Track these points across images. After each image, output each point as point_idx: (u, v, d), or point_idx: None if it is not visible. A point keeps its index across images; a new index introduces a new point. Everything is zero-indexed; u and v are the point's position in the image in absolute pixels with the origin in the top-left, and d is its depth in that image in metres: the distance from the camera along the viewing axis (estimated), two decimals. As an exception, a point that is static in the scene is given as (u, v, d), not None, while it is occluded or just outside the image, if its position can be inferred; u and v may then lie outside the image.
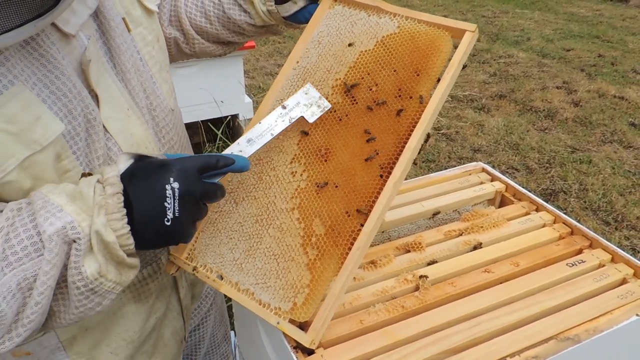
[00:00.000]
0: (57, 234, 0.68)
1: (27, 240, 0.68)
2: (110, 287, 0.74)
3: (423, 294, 1.00)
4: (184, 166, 0.76)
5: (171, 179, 0.74)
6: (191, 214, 0.77)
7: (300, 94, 0.98)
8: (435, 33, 0.99)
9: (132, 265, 0.76)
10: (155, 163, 0.76)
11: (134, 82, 0.91)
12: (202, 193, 0.78)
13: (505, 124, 4.35)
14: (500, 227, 1.19)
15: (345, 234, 0.89)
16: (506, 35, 6.59)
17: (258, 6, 1.11)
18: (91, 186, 0.71)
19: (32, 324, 0.71)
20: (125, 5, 0.95)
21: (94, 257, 0.71)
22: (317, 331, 0.85)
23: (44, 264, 0.68)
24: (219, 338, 1.43)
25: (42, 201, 0.70)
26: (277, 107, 0.96)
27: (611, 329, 0.92)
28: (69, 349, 0.94)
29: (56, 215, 0.69)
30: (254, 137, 0.91)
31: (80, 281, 0.71)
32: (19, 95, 0.70)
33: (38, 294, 0.69)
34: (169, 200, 0.73)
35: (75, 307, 0.73)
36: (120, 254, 0.72)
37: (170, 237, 0.76)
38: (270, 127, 0.93)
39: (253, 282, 0.91)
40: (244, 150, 0.90)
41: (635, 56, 5.82)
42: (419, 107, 0.94)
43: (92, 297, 0.73)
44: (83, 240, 0.69)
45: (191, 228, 0.79)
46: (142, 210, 0.72)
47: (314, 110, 0.97)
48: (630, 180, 3.58)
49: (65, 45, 0.79)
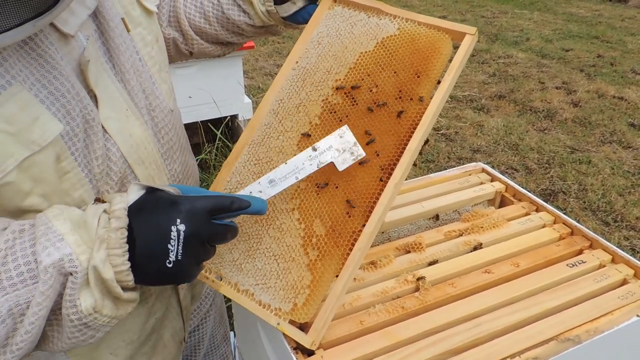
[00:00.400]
0: (54, 265, 0.66)
1: (24, 266, 0.66)
2: (105, 321, 0.72)
3: (423, 294, 1.00)
4: (193, 207, 0.73)
5: (178, 220, 0.71)
6: (195, 256, 0.74)
7: (334, 136, 0.90)
8: (436, 35, 0.99)
9: (130, 300, 0.74)
10: (166, 199, 0.73)
11: (133, 83, 0.91)
12: (211, 235, 0.75)
13: (504, 124, 4.35)
14: (501, 227, 1.19)
15: (346, 235, 0.89)
16: (505, 35, 6.59)
17: (257, 6, 1.11)
18: (97, 216, 0.70)
19: (20, 352, 0.69)
20: (125, 6, 0.94)
21: (90, 292, 0.69)
22: (318, 332, 0.85)
23: (37, 294, 0.66)
24: (219, 339, 1.43)
25: (44, 227, 0.68)
26: (307, 148, 0.89)
27: (612, 329, 0.92)
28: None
29: (56, 245, 0.67)
30: (276, 179, 0.86)
31: (74, 314, 0.69)
32: (17, 96, 0.70)
33: (29, 323, 0.67)
34: (172, 242, 0.71)
35: (68, 338, 0.72)
36: (117, 290, 0.70)
37: (171, 278, 0.74)
38: (297, 170, 0.87)
39: (253, 282, 0.91)
40: (264, 192, 0.85)
41: (635, 56, 5.82)
42: (419, 109, 0.94)
43: (85, 330, 0.71)
44: (80, 274, 0.68)
45: (195, 270, 0.76)
46: (145, 249, 0.71)
47: (346, 157, 0.89)
48: (629, 180, 3.58)
49: (64, 45, 0.79)
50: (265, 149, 1.00)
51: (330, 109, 0.99)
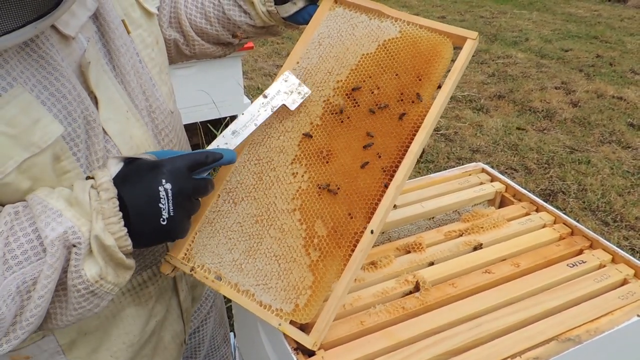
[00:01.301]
0: (59, 238, 0.70)
1: (27, 244, 0.70)
2: (109, 288, 0.76)
3: (424, 294, 1.00)
4: (174, 166, 0.78)
5: (163, 180, 0.76)
6: (185, 210, 0.80)
7: (279, 81, 0.99)
8: (437, 39, 0.99)
9: (129, 267, 0.79)
10: (146, 165, 0.78)
11: (133, 84, 0.91)
12: (194, 190, 0.81)
13: (503, 124, 4.35)
14: (501, 227, 1.19)
15: (347, 236, 0.89)
16: (504, 35, 6.60)
17: (258, 7, 1.11)
18: (86, 192, 0.73)
19: (30, 326, 0.72)
20: (125, 7, 0.94)
21: (95, 261, 0.73)
22: (319, 333, 0.85)
23: (45, 267, 0.69)
24: (219, 340, 1.43)
25: (40, 206, 0.72)
26: (258, 97, 0.98)
27: (612, 329, 0.92)
28: (69, 352, 0.93)
29: (57, 220, 0.71)
30: (238, 129, 0.94)
31: (81, 284, 0.73)
32: (19, 98, 0.70)
33: (38, 296, 0.70)
34: (163, 201, 0.76)
35: (74, 309, 0.75)
36: (119, 256, 0.75)
37: (167, 235, 0.80)
38: (253, 118, 0.95)
39: (253, 283, 0.91)
40: (229, 143, 0.92)
41: (634, 56, 5.83)
42: (421, 112, 0.95)
43: (92, 298, 0.75)
44: (83, 244, 0.72)
45: (186, 224, 0.82)
46: (138, 213, 0.75)
47: (295, 98, 0.98)
48: (628, 180, 3.58)
49: (65, 47, 0.79)
50: (265, 148, 1.00)
51: (331, 110, 0.99)
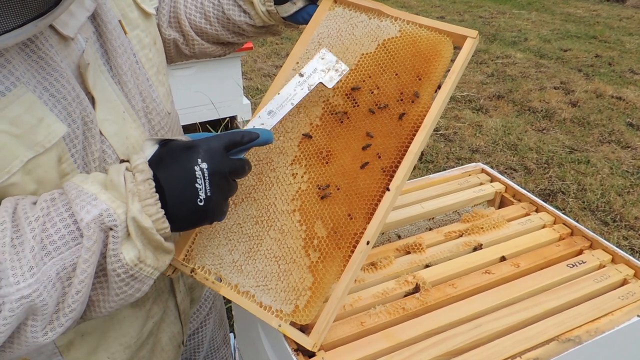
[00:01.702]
0: (94, 221, 0.69)
1: (64, 229, 0.69)
2: (149, 272, 0.75)
3: (424, 295, 1.00)
4: (210, 146, 0.77)
5: (199, 159, 0.75)
6: (223, 191, 0.78)
7: (316, 59, 0.96)
8: (437, 38, 0.99)
9: (168, 250, 0.77)
10: (181, 146, 0.77)
11: (130, 85, 0.91)
12: (231, 170, 0.79)
13: (503, 124, 4.35)
14: (500, 228, 1.19)
15: (347, 237, 0.89)
16: (503, 35, 6.60)
17: (258, 6, 1.11)
18: (121, 174, 0.72)
19: (73, 313, 0.71)
20: (122, 8, 0.94)
21: (132, 244, 0.72)
22: (319, 334, 0.85)
23: (83, 251, 0.68)
24: (218, 341, 1.43)
25: (76, 190, 0.71)
26: (294, 75, 0.94)
27: (612, 330, 0.92)
28: (66, 354, 0.93)
29: (92, 203, 0.70)
30: (274, 109, 0.90)
31: (120, 268, 0.72)
32: (22, 97, 0.70)
33: (78, 282, 0.69)
34: (199, 181, 0.74)
35: (116, 295, 0.74)
36: (157, 238, 0.73)
37: (204, 216, 0.78)
38: (290, 97, 0.92)
39: (253, 284, 0.91)
40: (266, 123, 0.89)
41: (633, 56, 5.84)
42: (421, 112, 0.94)
43: (132, 283, 0.74)
44: (120, 227, 0.70)
45: (224, 206, 0.80)
46: (174, 194, 0.74)
47: (332, 75, 0.95)
48: (628, 180, 3.58)
49: (64, 47, 0.79)
50: (265, 149, 1.00)
51: (331, 110, 0.99)
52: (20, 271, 0.65)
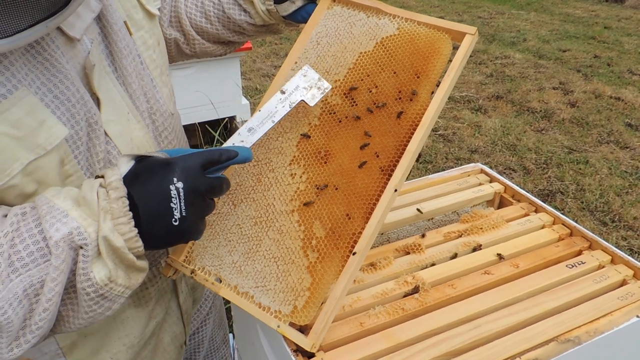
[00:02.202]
0: (64, 239, 0.67)
1: (33, 245, 0.68)
2: (120, 291, 0.74)
3: (423, 296, 1.00)
4: (186, 164, 0.75)
5: (174, 178, 0.73)
6: (198, 210, 0.76)
7: (298, 76, 0.95)
8: (435, 35, 0.98)
9: (141, 268, 0.76)
10: (157, 163, 0.75)
11: (134, 86, 0.91)
12: (208, 189, 0.77)
13: (502, 124, 4.35)
14: (500, 228, 1.19)
15: (346, 237, 0.89)
16: (502, 36, 6.60)
17: (257, 6, 1.11)
18: (94, 190, 0.71)
19: (40, 331, 0.70)
20: (128, 9, 0.94)
21: (103, 263, 0.70)
22: (318, 334, 0.84)
23: (51, 270, 0.67)
24: (218, 341, 1.42)
25: (47, 206, 0.69)
26: (276, 92, 0.94)
27: (612, 330, 0.92)
28: (69, 355, 0.93)
29: (62, 220, 0.68)
30: (254, 126, 0.90)
31: (89, 287, 0.70)
32: (23, 100, 0.70)
33: (46, 300, 0.68)
34: (174, 200, 0.73)
35: (85, 312, 0.73)
36: (130, 257, 0.72)
37: (179, 236, 0.76)
38: (271, 114, 0.91)
39: (252, 285, 0.90)
40: (246, 140, 0.88)
41: (631, 57, 5.84)
42: (419, 110, 0.94)
43: (102, 302, 0.73)
44: (91, 246, 0.69)
45: (200, 225, 0.78)
46: (149, 213, 0.72)
47: (314, 93, 0.94)
48: (627, 180, 3.59)
49: (70, 49, 0.79)
50: (264, 150, 0.99)
51: (329, 109, 0.99)
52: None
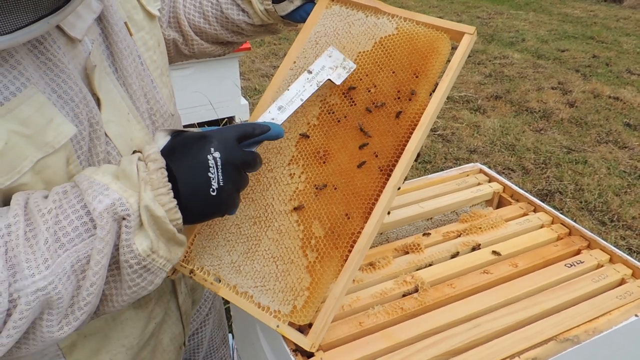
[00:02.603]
0: (107, 210, 0.68)
1: (77, 220, 0.68)
2: (161, 263, 0.74)
3: (422, 295, 1.00)
4: (222, 136, 0.77)
5: (212, 149, 0.74)
6: (235, 182, 0.77)
7: (324, 57, 0.98)
8: (434, 35, 0.98)
9: (180, 242, 0.76)
10: (194, 136, 0.77)
11: (135, 87, 0.91)
12: (243, 161, 0.78)
13: (501, 124, 4.36)
14: (499, 228, 1.19)
15: (345, 237, 0.89)
16: (501, 36, 6.61)
17: (256, 5, 1.11)
18: (133, 164, 0.72)
19: (88, 307, 0.71)
20: (128, 10, 0.94)
21: (145, 234, 0.71)
22: (317, 334, 0.84)
23: (97, 242, 0.68)
24: (218, 342, 1.42)
25: (87, 182, 0.70)
26: (303, 73, 0.96)
27: (610, 329, 0.92)
28: (69, 356, 0.93)
29: (104, 193, 0.69)
30: (284, 104, 0.92)
31: (133, 259, 0.71)
32: (32, 98, 0.70)
33: (93, 274, 0.68)
34: (212, 170, 0.73)
35: (129, 287, 0.74)
36: (170, 228, 0.72)
37: (217, 207, 0.77)
38: (299, 93, 0.93)
39: (252, 284, 0.90)
40: (276, 118, 0.90)
41: (630, 57, 5.85)
42: (418, 109, 0.94)
43: (145, 275, 0.73)
44: (133, 216, 0.70)
45: (236, 198, 0.79)
46: (187, 183, 0.73)
47: (340, 72, 0.97)
48: (625, 180, 3.59)
49: (71, 49, 0.79)
50: (263, 149, 0.99)
51: (328, 109, 0.99)
52: (35, 264, 0.65)
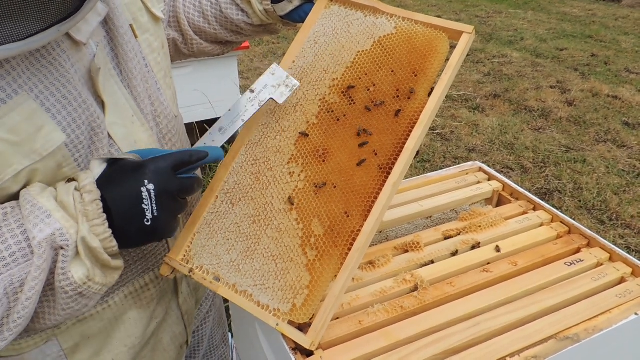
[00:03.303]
0: (46, 240, 0.69)
1: (15, 246, 0.69)
2: (97, 289, 0.76)
3: (422, 294, 1.00)
4: (157, 166, 0.77)
5: (146, 181, 0.75)
6: (170, 211, 0.79)
7: (267, 75, 0.97)
8: (433, 34, 0.98)
9: (116, 267, 0.78)
10: (129, 165, 0.77)
11: (139, 89, 0.91)
12: (179, 189, 0.79)
13: (499, 123, 4.36)
14: (498, 226, 1.19)
15: (344, 235, 0.89)
16: (500, 35, 6.61)
17: (255, 5, 1.11)
18: (70, 194, 0.72)
19: (18, 328, 0.71)
20: (133, 12, 0.94)
21: (82, 263, 0.72)
22: (317, 332, 0.84)
23: (33, 269, 0.68)
24: (217, 340, 1.42)
25: (30, 205, 0.71)
26: (246, 92, 0.96)
27: (610, 328, 0.92)
28: (71, 357, 0.94)
29: (45, 221, 0.70)
30: (225, 126, 0.92)
31: (68, 286, 0.72)
32: (23, 105, 0.70)
33: (26, 298, 0.69)
34: (145, 202, 0.75)
35: (62, 310, 0.75)
36: (105, 257, 0.74)
37: (152, 235, 0.78)
38: (241, 113, 0.94)
39: (251, 283, 0.90)
40: (217, 140, 0.91)
41: (628, 55, 5.85)
42: (417, 108, 0.94)
43: (80, 299, 0.75)
44: (71, 247, 0.71)
45: (173, 223, 0.81)
46: (122, 214, 0.74)
47: (283, 91, 0.96)
48: (624, 179, 3.59)
49: (76, 52, 0.79)
50: (262, 148, 0.99)
51: (327, 108, 0.99)
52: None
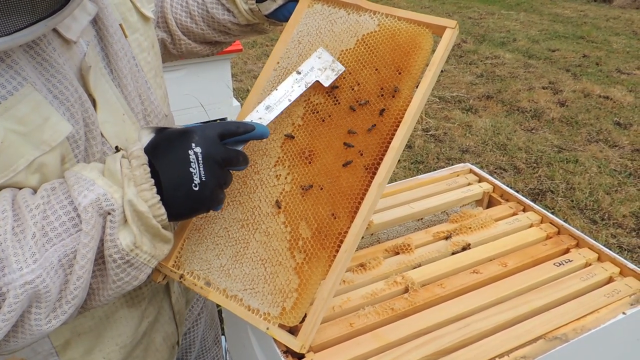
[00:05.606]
0: (92, 205, 0.70)
1: (65, 215, 0.70)
2: (145, 259, 0.76)
3: (412, 295, 1.00)
4: (204, 132, 0.78)
5: (193, 144, 0.75)
6: (217, 178, 0.78)
7: (313, 58, 0.98)
8: (416, 30, 0.98)
9: (166, 239, 0.78)
10: (176, 132, 0.78)
11: (130, 88, 0.91)
12: (225, 158, 0.79)
13: (492, 124, 4.38)
14: (488, 227, 1.20)
15: (332, 237, 0.89)
16: (492, 36, 6.64)
17: (240, 5, 1.11)
18: (117, 161, 0.73)
19: (75, 300, 0.72)
20: (123, 12, 0.95)
21: (129, 229, 0.73)
22: (307, 335, 0.84)
23: (82, 236, 0.69)
24: (210, 342, 1.42)
25: (74, 177, 0.72)
26: (292, 73, 0.96)
27: (598, 327, 0.93)
28: (62, 354, 0.94)
29: (89, 188, 0.71)
30: (272, 104, 0.92)
31: (116, 253, 0.72)
32: (29, 97, 0.71)
33: (79, 267, 0.70)
34: (193, 165, 0.75)
35: (113, 282, 0.75)
36: (154, 223, 0.74)
37: (200, 203, 0.77)
38: (287, 93, 0.93)
39: (241, 287, 0.90)
40: (263, 118, 0.91)
41: (619, 56, 5.90)
42: (401, 106, 0.94)
43: (129, 270, 0.75)
44: (117, 211, 0.71)
45: (219, 193, 0.80)
46: (169, 178, 0.74)
47: (329, 74, 0.97)
48: (616, 179, 3.62)
49: (66, 50, 0.79)
50: (249, 151, 0.99)
51: (312, 109, 0.99)
52: (22, 257, 0.66)
